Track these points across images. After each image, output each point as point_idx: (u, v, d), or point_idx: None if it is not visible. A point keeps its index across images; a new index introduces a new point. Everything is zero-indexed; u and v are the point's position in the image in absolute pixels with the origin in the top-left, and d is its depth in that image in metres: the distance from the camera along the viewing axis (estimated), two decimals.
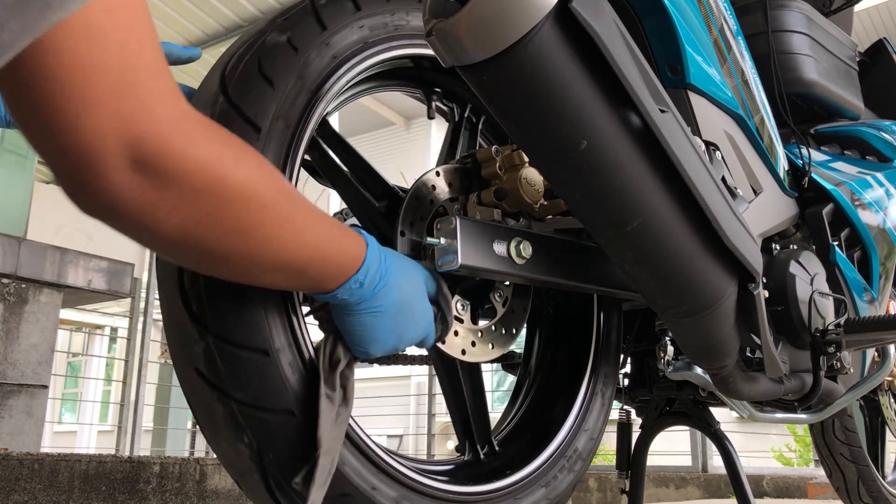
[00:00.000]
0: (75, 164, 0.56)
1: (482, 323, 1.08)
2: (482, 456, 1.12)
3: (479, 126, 1.22)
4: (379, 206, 1.02)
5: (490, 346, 1.07)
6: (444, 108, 1.20)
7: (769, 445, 7.95)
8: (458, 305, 1.04)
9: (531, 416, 1.24)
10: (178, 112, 0.60)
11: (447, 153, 1.17)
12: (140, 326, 5.09)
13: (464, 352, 1.04)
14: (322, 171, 1.03)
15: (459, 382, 1.10)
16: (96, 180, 0.57)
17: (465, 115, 1.19)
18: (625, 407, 1.55)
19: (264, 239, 0.69)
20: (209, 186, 0.62)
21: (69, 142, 0.55)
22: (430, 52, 0.96)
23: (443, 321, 0.93)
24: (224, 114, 0.82)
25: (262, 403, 0.80)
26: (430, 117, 1.19)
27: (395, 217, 0.99)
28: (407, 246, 0.99)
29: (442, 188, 1.05)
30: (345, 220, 1.19)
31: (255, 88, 0.84)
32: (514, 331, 1.11)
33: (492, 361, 1.15)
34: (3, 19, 0.37)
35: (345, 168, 1.01)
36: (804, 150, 1.46)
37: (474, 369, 1.12)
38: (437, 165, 1.10)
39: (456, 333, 1.03)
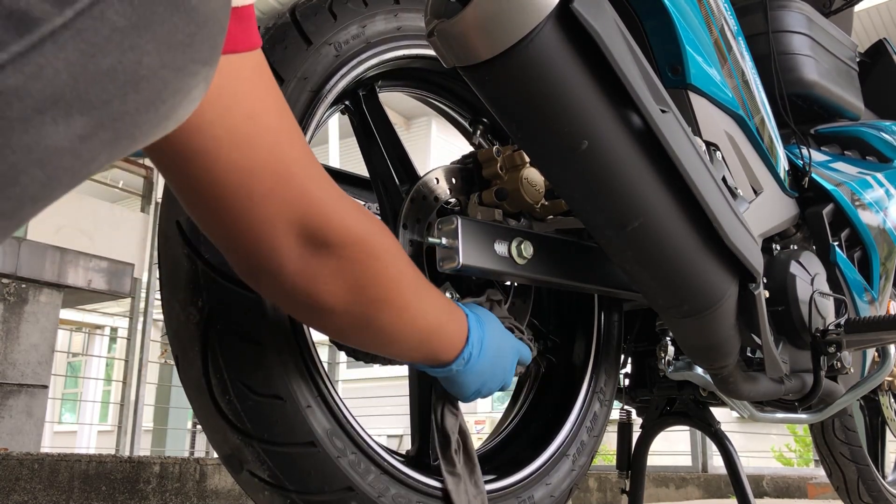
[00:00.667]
0: (252, 249, 0.66)
1: None
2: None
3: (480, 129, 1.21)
4: (401, 189, 1.02)
5: None
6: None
7: (769, 445, 7.95)
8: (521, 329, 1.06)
9: (531, 417, 1.24)
10: (333, 193, 0.69)
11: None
12: (140, 326, 5.09)
13: None
14: (355, 129, 1.05)
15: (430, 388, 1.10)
16: (268, 259, 0.66)
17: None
18: (625, 407, 1.55)
19: (402, 305, 0.77)
20: (362, 253, 0.71)
21: (244, 231, 0.64)
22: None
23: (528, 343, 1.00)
24: None
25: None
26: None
27: (397, 216, 0.99)
28: (407, 246, 0.99)
29: (443, 188, 1.05)
30: None
31: None
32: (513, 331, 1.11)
33: None
34: (96, 154, 0.40)
35: (378, 138, 1.03)
36: (804, 151, 1.46)
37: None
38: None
39: None
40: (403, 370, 1.10)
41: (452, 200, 1.06)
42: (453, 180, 1.07)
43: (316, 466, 0.83)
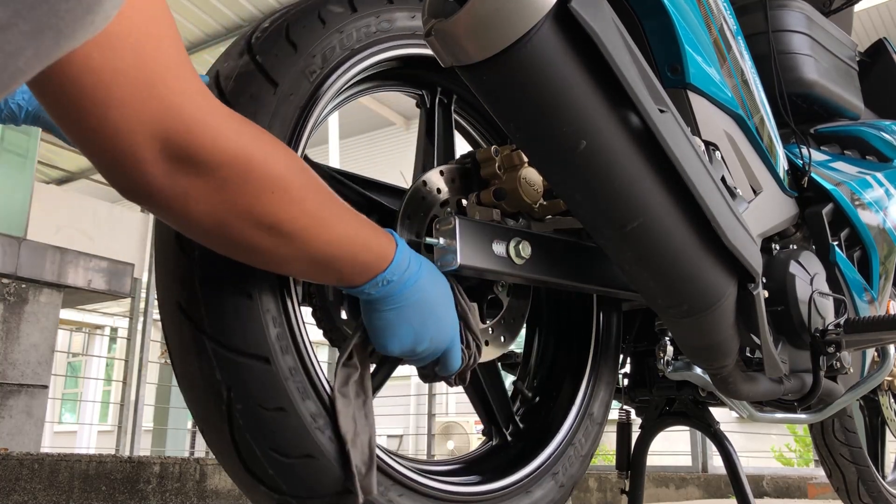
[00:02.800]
0: (111, 159, 0.61)
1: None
2: (508, 437, 1.17)
3: (453, 106, 1.20)
4: (385, 204, 1.02)
5: (501, 339, 1.09)
6: (415, 96, 1.19)
7: (769, 445, 7.95)
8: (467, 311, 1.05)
9: (530, 417, 1.23)
10: (205, 107, 0.63)
11: (425, 139, 1.16)
12: (140, 326, 5.09)
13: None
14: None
15: (480, 383, 1.15)
16: (132, 172, 0.62)
17: (437, 98, 1.18)
18: (625, 407, 1.55)
19: (291, 232, 0.72)
20: (237, 177, 0.66)
21: (102, 140, 0.59)
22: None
23: (468, 348, 0.93)
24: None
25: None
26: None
27: (395, 216, 0.99)
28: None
29: (441, 188, 1.05)
30: None
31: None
32: (513, 331, 1.11)
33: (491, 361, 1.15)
34: (19, 46, 0.39)
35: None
36: (804, 150, 1.46)
37: (491, 367, 1.15)
38: (416, 156, 1.11)
39: None
40: (404, 370, 1.10)
41: (450, 200, 1.06)
42: (451, 180, 1.06)
43: None
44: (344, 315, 0.97)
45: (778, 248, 1.35)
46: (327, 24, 0.93)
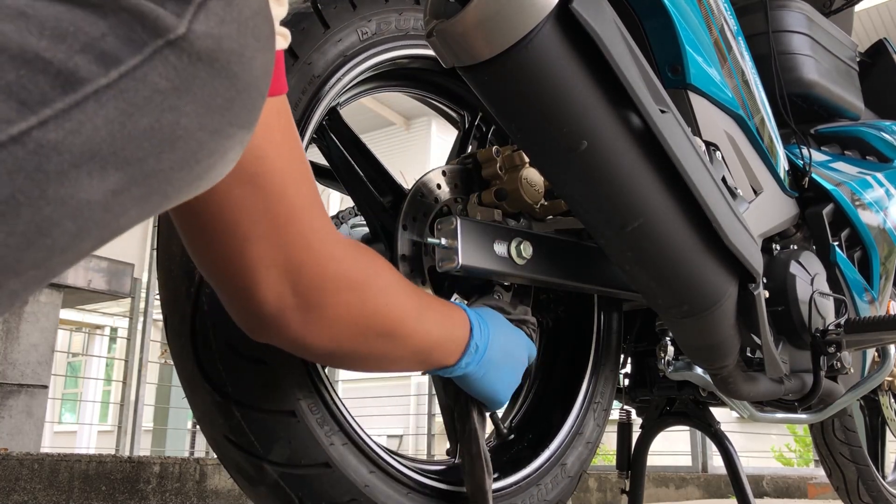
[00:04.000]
0: (244, 293, 0.64)
1: None
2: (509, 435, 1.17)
3: (489, 136, 1.22)
4: (384, 202, 1.02)
5: None
6: (454, 114, 1.21)
7: (769, 445, 7.95)
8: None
9: (530, 417, 1.24)
10: (331, 240, 0.68)
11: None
12: (140, 326, 5.08)
13: None
14: (328, 160, 1.03)
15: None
16: (262, 307, 0.65)
17: (476, 123, 1.20)
18: (625, 407, 1.55)
19: (401, 338, 0.77)
20: (358, 295, 0.71)
21: (236, 273, 0.63)
22: None
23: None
24: None
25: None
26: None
27: (397, 216, 0.99)
28: (408, 246, 0.99)
29: (443, 188, 1.05)
30: (341, 222, 1.19)
31: None
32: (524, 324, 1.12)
33: None
34: (126, 209, 0.40)
35: (352, 161, 1.02)
36: (804, 151, 1.46)
37: None
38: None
39: None
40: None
41: (452, 201, 1.06)
42: (452, 181, 1.07)
43: None
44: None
45: (778, 248, 1.35)
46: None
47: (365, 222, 1.08)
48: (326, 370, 0.90)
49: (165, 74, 0.38)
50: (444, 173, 1.06)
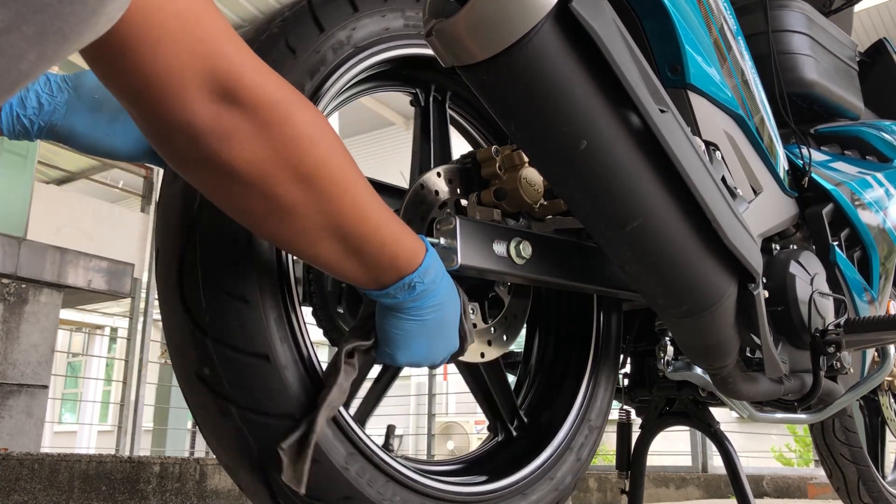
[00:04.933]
0: (161, 102, 0.60)
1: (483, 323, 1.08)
2: (514, 432, 1.17)
3: (447, 103, 1.20)
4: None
5: (503, 338, 1.10)
6: (409, 94, 1.18)
7: (769, 445, 7.95)
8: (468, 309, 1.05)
9: (530, 417, 1.24)
10: (247, 52, 0.63)
11: (420, 137, 1.15)
12: (140, 326, 5.09)
13: (483, 354, 1.06)
14: None
15: (485, 381, 1.16)
16: (179, 113, 0.60)
17: (431, 96, 1.18)
18: (625, 407, 1.55)
19: (328, 191, 0.69)
20: (278, 119, 0.65)
21: (149, 78, 0.58)
22: None
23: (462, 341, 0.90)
24: None
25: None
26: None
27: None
28: None
29: (441, 188, 1.05)
30: None
31: None
32: (515, 330, 1.12)
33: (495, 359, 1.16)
34: (22, 50, 0.38)
35: None
36: (804, 150, 1.46)
37: (495, 365, 1.15)
38: (412, 156, 1.10)
39: None
40: (404, 370, 1.09)
41: (451, 200, 1.06)
42: (452, 180, 1.06)
43: None
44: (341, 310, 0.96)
45: (778, 248, 1.35)
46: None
47: None
48: (304, 318, 0.85)
49: None
50: (441, 173, 1.06)
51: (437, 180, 1.05)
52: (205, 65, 0.60)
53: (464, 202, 1.07)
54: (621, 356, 1.34)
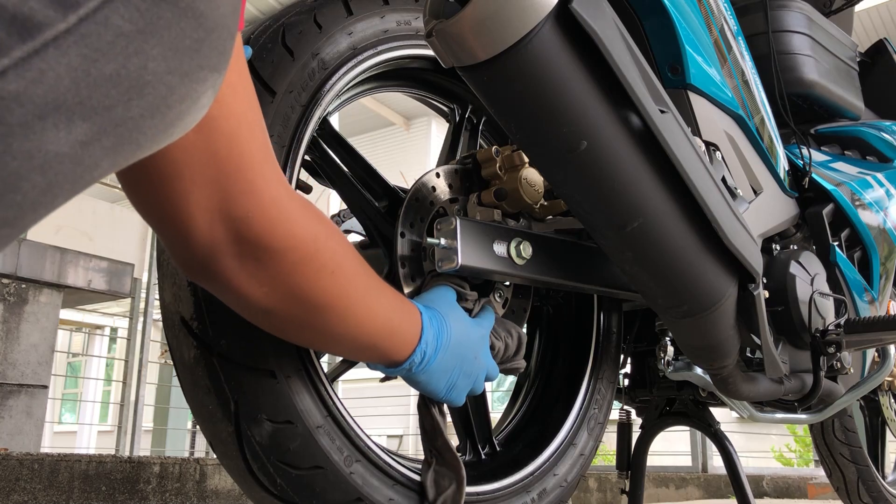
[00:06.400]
0: (184, 236, 0.62)
1: None
2: (483, 456, 1.12)
3: (480, 127, 1.22)
4: (379, 206, 1.02)
5: None
6: (445, 108, 1.21)
7: (769, 445, 7.95)
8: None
9: (530, 417, 1.24)
10: (282, 193, 0.65)
11: (447, 154, 1.17)
12: (140, 327, 5.08)
13: None
14: (322, 169, 1.03)
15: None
16: (202, 251, 0.63)
17: (466, 115, 1.20)
18: (625, 407, 1.55)
19: (342, 315, 0.74)
20: (305, 259, 0.68)
21: (179, 216, 0.60)
22: None
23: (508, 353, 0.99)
24: None
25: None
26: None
27: (395, 217, 0.99)
28: (407, 246, 0.99)
29: (442, 189, 1.05)
30: (342, 220, 1.18)
31: None
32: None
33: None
34: (98, 160, 0.39)
35: (345, 168, 1.02)
36: (804, 151, 1.46)
37: None
38: (437, 166, 1.10)
39: None
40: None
41: (452, 201, 1.06)
42: (452, 181, 1.06)
43: None
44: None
45: (778, 248, 1.35)
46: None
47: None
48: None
49: (128, 16, 0.37)
50: (440, 174, 1.06)
51: (437, 181, 1.05)
52: (237, 212, 0.61)
53: (464, 203, 1.07)
54: (621, 356, 1.34)
